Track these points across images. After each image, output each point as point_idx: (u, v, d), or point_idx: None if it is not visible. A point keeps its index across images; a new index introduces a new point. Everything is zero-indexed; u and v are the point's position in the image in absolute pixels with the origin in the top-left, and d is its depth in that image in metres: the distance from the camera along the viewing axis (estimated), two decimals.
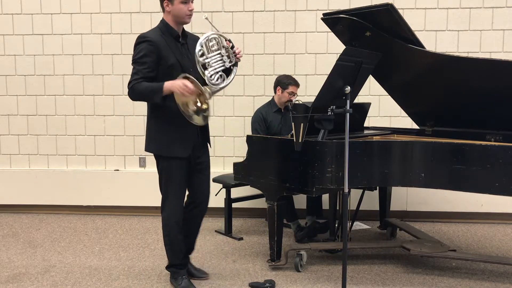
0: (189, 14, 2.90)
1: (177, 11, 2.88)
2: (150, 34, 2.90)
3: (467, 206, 4.61)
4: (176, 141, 2.94)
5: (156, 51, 2.84)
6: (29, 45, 4.93)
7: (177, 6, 2.86)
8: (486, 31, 4.57)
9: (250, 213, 4.76)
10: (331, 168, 3.04)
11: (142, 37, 2.87)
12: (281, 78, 4.12)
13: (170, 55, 2.88)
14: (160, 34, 2.90)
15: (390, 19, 3.24)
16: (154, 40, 2.85)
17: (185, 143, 2.96)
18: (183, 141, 2.95)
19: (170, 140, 2.94)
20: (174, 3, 2.86)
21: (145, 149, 3.04)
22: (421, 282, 3.25)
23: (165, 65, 2.87)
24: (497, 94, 3.27)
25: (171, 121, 2.91)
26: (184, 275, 3.13)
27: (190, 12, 2.89)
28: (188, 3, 2.87)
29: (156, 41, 2.85)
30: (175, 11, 2.88)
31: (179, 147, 2.94)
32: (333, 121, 2.90)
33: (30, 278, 3.34)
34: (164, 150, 2.97)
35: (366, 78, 3.53)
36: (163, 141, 2.95)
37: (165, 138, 2.95)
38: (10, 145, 5.06)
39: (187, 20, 2.93)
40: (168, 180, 3.00)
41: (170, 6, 2.88)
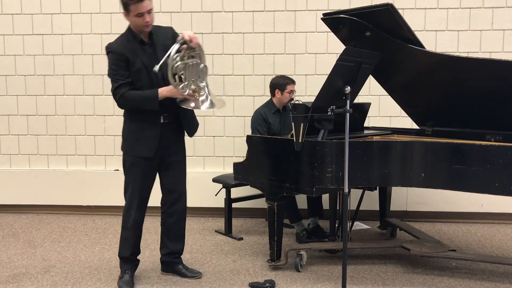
0: (146, 25, 2.92)
1: (134, 22, 2.94)
2: (114, 44, 2.99)
3: (467, 206, 4.61)
4: (141, 141, 3.04)
5: (122, 59, 2.93)
6: (29, 45, 4.93)
7: (132, 18, 2.91)
8: (486, 31, 4.57)
9: (250, 213, 4.76)
10: (331, 168, 3.04)
11: (108, 48, 2.99)
12: (277, 80, 4.12)
13: (136, 60, 2.95)
14: (126, 40, 2.98)
15: (390, 19, 3.24)
16: (117, 50, 2.94)
17: (149, 144, 3.03)
18: (148, 142, 3.03)
19: (135, 140, 3.05)
20: (130, 15, 2.90)
21: (121, 147, 3.16)
22: (421, 282, 3.25)
23: (132, 71, 2.95)
24: (497, 94, 3.27)
25: (139, 123, 3.03)
26: (127, 270, 3.20)
27: (147, 23, 2.91)
28: (143, 16, 2.87)
29: (120, 51, 2.94)
30: (132, 22, 2.95)
31: (144, 147, 3.03)
32: (333, 121, 2.90)
33: (30, 278, 3.34)
34: (130, 149, 3.09)
35: (366, 78, 3.53)
36: (130, 140, 3.08)
37: (132, 138, 3.07)
38: (10, 145, 5.05)
39: (145, 29, 2.96)
40: (129, 178, 3.11)
41: (128, 17, 2.93)
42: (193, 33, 2.92)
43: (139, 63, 2.95)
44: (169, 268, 3.34)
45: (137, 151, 3.05)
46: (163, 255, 3.33)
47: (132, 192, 3.10)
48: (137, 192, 3.10)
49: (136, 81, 2.97)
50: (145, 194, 3.14)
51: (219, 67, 4.81)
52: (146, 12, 2.87)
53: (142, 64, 2.96)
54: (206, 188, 4.59)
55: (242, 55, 4.78)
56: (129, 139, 3.09)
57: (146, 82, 2.97)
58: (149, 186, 3.15)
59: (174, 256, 3.32)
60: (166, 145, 3.09)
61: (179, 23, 4.74)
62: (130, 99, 2.95)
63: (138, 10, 2.85)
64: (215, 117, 4.84)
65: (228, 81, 4.81)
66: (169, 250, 3.30)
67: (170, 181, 3.19)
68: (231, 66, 4.80)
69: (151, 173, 3.14)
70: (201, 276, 3.30)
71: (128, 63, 2.94)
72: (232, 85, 4.82)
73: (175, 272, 3.33)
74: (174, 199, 3.22)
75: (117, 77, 2.94)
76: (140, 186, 3.09)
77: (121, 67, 2.93)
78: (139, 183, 3.09)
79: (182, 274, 3.30)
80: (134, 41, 2.98)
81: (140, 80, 2.96)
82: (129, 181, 3.11)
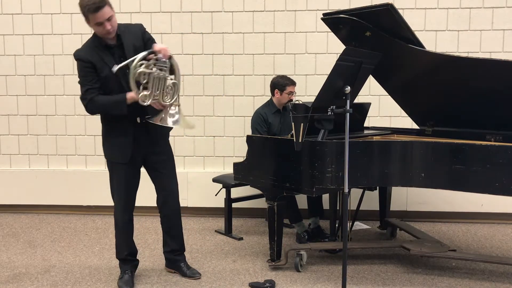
0: (107, 33, 2.88)
1: (95, 31, 2.91)
2: (81, 51, 2.95)
3: (467, 206, 4.61)
4: (116, 147, 3.05)
5: (90, 65, 2.90)
6: (29, 45, 4.93)
7: (93, 27, 2.89)
8: (486, 31, 4.57)
9: (250, 213, 4.76)
10: (331, 168, 3.04)
11: (75, 55, 2.94)
12: (277, 80, 4.11)
13: (103, 66, 2.91)
14: (93, 46, 2.94)
15: (390, 19, 3.24)
16: (84, 57, 2.90)
17: (123, 149, 3.03)
18: (122, 147, 3.03)
19: (111, 145, 3.07)
20: (90, 24, 2.87)
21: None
22: (421, 282, 3.25)
23: (100, 77, 2.93)
24: (497, 94, 3.27)
25: (112, 126, 3.03)
26: (127, 270, 3.21)
27: (107, 31, 2.87)
28: (103, 25, 2.84)
29: (87, 58, 2.90)
30: (95, 30, 2.91)
31: (118, 153, 3.05)
32: (333, 121, 2.90)
33: (30, 278, 3.34)
34: (107, 154, 3.12)
35: (366, 78, 3.53)
36: (107, 145, 3.10)
37: (108, 143, 3.09)
38: (10, 145, 5.05)
39: (108, 36, 2.92)
40: (112, 182, 3.16)
41: (89, 24, 2.88)
42: (166, 47, 2.88)
43: (107, 69, 2.91)
44: (172, 264, 3.38)
45: (113, 156, 3.08)
46: (165, 252, 3.38)
47: (117, 195, 3.14)
48: (122, 194, 3.13)
49: (105, 87, 2.94)
50: (131, 195, 3.17)
51: (219, 67, 4.81)
52: (105, 20, 2.82)
53: (110, 71, 2.91)
54: (206, 188, 4.60)
55: (242, 55, 4.78)
56: (105, 144, 3.11)
57: (116, 87, 2.94)
58: (133, 187, 3.17)
59: (175, 253, 3.35)
60: (146, 144, 3.09)
61: (179, 23, 4.75)
62: (98, 104, 2.92)
63: (96, 20, 2.81)
64: (215, 117, 4.84)
65: (228, 81, 4.81)
66: (170, 248, 3.34)
67: (159, 180, 3.22)
68: (231, 66, 4.80)
69: (134, 175, 3.14)
70: (199, 277, 3.30)
71: (96, 69, 2.91)
72: (232, 85, 4.82)
73: (177, 269, 3.36)
74: (165, 197, 3.24)
75: (85, 82, 2.91)
76: (124, 188, 3.12)
77: (89, 73, 2.90)
78: (123, 185, 3.11)
79: (182, 272, 3.32)
80: (101, 46, 2.93)
81: (109, 86, 2.94)
82: (113, 184, 3.14)
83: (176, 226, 3.32)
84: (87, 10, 2.78)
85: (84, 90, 2.93)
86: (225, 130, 4.88)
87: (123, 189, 3.12)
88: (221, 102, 4.82)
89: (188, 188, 4.78)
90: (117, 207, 3.16)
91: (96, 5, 2.76)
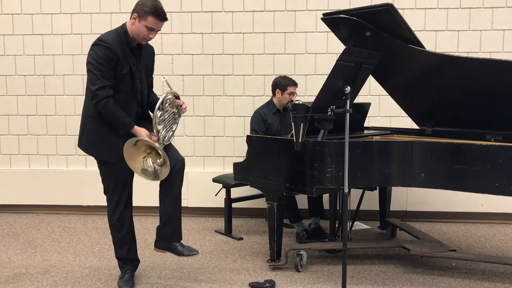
0: (145, 39, 2.91)
1: (139, 31, 2.88)
2: (110, 39, 2.86)
3: (467, 206, 4.61)
4: (106, 145, 2.96)
5: (114, 58, 2.85)
6: (29, 45, 4.93)
7: (141, 27, 2.86)
8: (486, 31, 4.57)
9: (250, 213, 4.76)
10: (331, 168, 3.04)
11: (102, 42, 2.85)
12: (279, 80, 4.11)
13: (125, 64, 2.90)
14: (120, 41, 2.89)
15: (390, 19, 3.24)
16: (113, 48, 2.84)
17: (113, 147, 2.94)
18: (112, 145, 2.94)
19: (101, 144, 2.97)
20: (140, 22, 2.85)
21: (78, 144, 3.07)
22: (421, 282, 3.25)
23: (119, 73, 2.89)
24: (497, 94, 3.27)
25: (103, 126, 2.94)
26: (127, 270, 3.17)
27: (149, 38, 2.91)
28: (152, 32, 2.87)
29: (116, 49, 2.84)
30: (137, 29, 2.88)
31: (108, 152, 2.97)
32: (333, 121, 2.90)
33: (30, 278, 3.34)
34: (95, 153, 3.03)
35: (366, 78, 3.53)
36: (95, 143, 2.99)
37: (96, 141, 2.99)
38: (10, 145, 5.05)
39: (143, 42, 2.95)
40: (105, 180, 3.07)
41: (136, 22, 2.87)
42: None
43: (127, 67, 2.90)
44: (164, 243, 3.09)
45: (98, 154, 3.00)
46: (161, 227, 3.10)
47: (112, 193, 3.05)
48: (118, 192, 3.04)
49: (118, 84, 2.89)
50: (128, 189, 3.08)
51: (219, 67, 4.82)
52: (156, 30, 2.88)
53: (130, 69, 2.92)
54: (206, 188, 4.60)
55: (242, 55, 4.78)
56: (95, 142, 2.98)
57: (128, 88, 2.93)
58: (129, 181, 3.08)
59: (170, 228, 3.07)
60: None
61: (179, 23, 4.75)
62: (110, 111, 2.85)
63: (151, 25, 2.84)
64: (215, 117, 4.84)
65: (228, 81, 4.81)
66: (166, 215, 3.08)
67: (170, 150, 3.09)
68: (231, 66, 4.81)
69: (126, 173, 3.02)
70: (197, 253, 3.09)
71: (117, 64, 2.86)
72: (232, 85, 4.82)
73: (170, 249, 3.08)
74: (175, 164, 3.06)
75: (105, 76, 2.82)
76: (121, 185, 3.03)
77: (111, 67, 2.83)
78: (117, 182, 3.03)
79: (177, 252, 3.06)
80: (127, 45, 2.91)
81: (122, 84, 2.90)
82: (107, 183, 3.05)
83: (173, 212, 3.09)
84: (153, 12, 2.81)
85: (102, 84, 2.82)
86: (225, 130, 4.88)
87: (119, 187, 3.03)
88: (221, 102, 4.82)
89: (188, 188, 4.78)
90: (111, 207, 3.06)
91: (163, 16, 2.87)
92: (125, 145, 2.84)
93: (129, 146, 2.85)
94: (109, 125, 2.93)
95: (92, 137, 3.00)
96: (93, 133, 2.99)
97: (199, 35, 4.78)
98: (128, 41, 2.91)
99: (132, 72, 2.94)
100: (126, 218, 3.11)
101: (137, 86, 2.98)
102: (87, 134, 3.01)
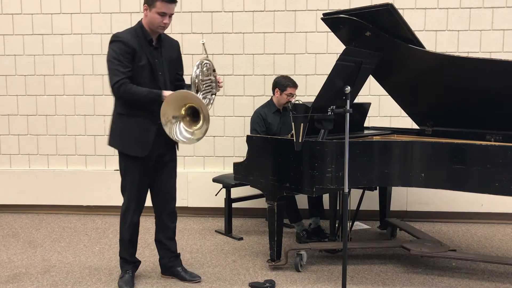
0: (162, 26, 2.94)
1: (152, 19, 2.92)
2: (123, 34, 2.94)
3: (467, 206, 4.61)
4: (135, 140, 2.99)
5: (131, 51, 2.89)
6: (29, 45, 4.93)
7: (153, 15, 2.90)
8: (486, 31, 4.57)
9: (250, 213, 4.76)
10: (331, 168, 3.04)
11: (117, 37, 2.92)
12: (279, 80, 4.11)
13: (142, 56, 2.93)
14: (135, 36, 2.94)
15: (390, 19, 3.24)
16: (127, 41, 2.89)
17: (143, 143, 2.98)
18: (142, 141, 2.99)
19: (130, 139, 3.00)
20: (151, 11, 2.90)
21: (108, 143, 3.11)
22: (421, 282, 3.25)
23: (137, 65, 2.92)
24: (497, 94, 3.27)
25: (134, 120, 2.98)
26: (128, 270, 3.19)
27: (164, 25, 2.93)
28: (164, 17, 2.90)
29: (129, 42, 2.90)
30: (150, 18, 2.93)
31: (137, 147, 2.99)
32: (333, 121, 2.90)
33: (30, 278, 3.34)
34: (123, 147, 3.04)
35: (366, 78, 3.53)
36: (124, 138, 3.02)
37: (125, 136, 3.02)
38: (10, 145, 5.05)
39: (160, 30, 2.98)
40: (127, 178, 3.08)
41: (148, 12, 2.92)
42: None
43: (145, 59, 2.94)
44: (169, 270, 3.30)
45: (132, 150, 3.01)
46: (161, 258, 3.31)
47: (130, 193, 3.08)
48: (135, 192, 3.08)
49: (138, 77, 2.92)
50: (144, 194, 3.14)
51: (219, 67, 4.77)
52: (168, 14, 2.90)
53: (148, 61, 2.95)
54: (206, 188, 4.60)
55: (242, 55, 4.78)
56: (122, 137, 3.02)
57: (148, 81, 2.95)
58: (147, 186, 3.14)
59: (171, 257, 3.28)
60: (163, 144, 3.06)
61: (179, 23, 4.75)
62: (131, 91, 2.85)
63: (163, 9, 2.87)
64: (215, 117, 4.84)
65: (228, 81, 4.81)
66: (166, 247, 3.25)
67: (164, 180, 3.17)
68: (231, 66, 4.81)
69: (149, 173, 3.10)
70: (200, 280, 3.26)
71: (134, 57, 2.90)
72: (232, 85, 4.82)
73: (174, 275, 3.29)
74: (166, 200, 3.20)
75: (121, 68, 2.85)
76: (138, 186, 3.07)
77: (127, 59, 2.87)
78: (137, 183, 3.07)
79: (181, 277, 3.26)
80: (144, 38, 2.96)
81: (142, 77, 2.93)
82: (127, 182, 3.08)
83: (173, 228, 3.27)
84: None
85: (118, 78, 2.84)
86: (225, 130, 4.88)
87: (138, 186, 3.07)
88: (221, 102, 4.82)
89: (188, 188, 4.78)
90: (128, 206, 3.10)
91: None
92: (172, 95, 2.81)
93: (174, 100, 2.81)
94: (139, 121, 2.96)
95: (122, 132, 3.03)
96: (122, 129, 3.02)
97: (199, 35, 4.78)
98: (144, 34, 2.96)
99: (151, 64, 2.96)
100: (136, 221, 3.15)
101: (159, 78, 3.00)
102: (116, 131, 3.05)
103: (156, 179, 3.17)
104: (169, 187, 3.20)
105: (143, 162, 3.02)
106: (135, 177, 3.05)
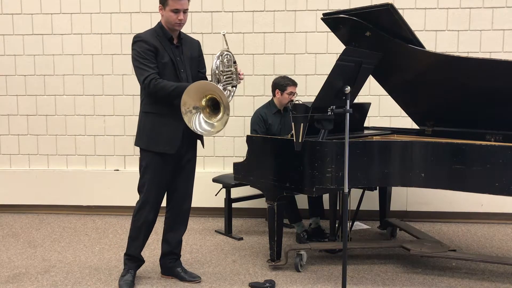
0: (178, 23, 2.99)
1: (168, 17, 2.99)
2: (144, 34, 3.03)
3: (467, 206, 4.61)
4: (163, 137, 3.01)
5: (153, 49, 2.96)
6: (29, 45, 4.93)
7: (168, 13, 2.97)
8: (486, 31, 4.57)
9: (250, 213, 4.76)
10: (331, 168, 3.04)
11: (138, 37, 3.01)
12: (278, 80, 4.11)
13: (164, 53, 3.00)
14: (155, 35, 3.02)
15: (390, 19, 3.24)
16: (148, 40, 2.97)
17: (172, 139, 3.02)
18: (171, 137, 3.01)
19: (157, 135, 3.02)
20: (166, 10, 2.97)
21: (135, 143, 3.14)
22: (421, 282, 3.25)
23: (160, 62, 2.98)
24: (497, 94, 3.27)
25: (161, 118, 3.01)
26: (130, 269, 3.19)
27: (180, 21, 2.98)
28: (178, 13, 2.95)
29: (150, 41, 2.97)
30: (166, 17, 3.00)
31: (166, 144, 3.01)
32: (333, 121, 2.91)
33: (30, 278, 3.34)
34: (150, 144, 3.05)
35: (366, 78, 3.53)
36: (151, 135, 3.03)
37: (153, 133, 3.03)
38: (10, 145, 5.05)
39: (176, 27, 3.03)
40: (146, 175, 3.07)
41: (163, 11, 3.00)
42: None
43: (167, 56, 3.00)
44: (169, 271, 3.31)
45: (159, 146, 3.01)
46: (163, 257, 3.31)
47: (148, 191, 3.07)
48: (153, 190, 3.07)
49: (161, 74, 2.97)
50: (162, 193, 3.14)
51: None
52: (182, 10, 2.94)
53: (170, 59, 3.00)
54: (206, 188, 4.59)
55: (242, 55, 4.78)
56: (149, 134, 3.03)
57: (171, 77, 2.99)
58: (166, 185, 3.14)
59: (171, 258, 3.28)
60: (186, 143, 3.08)
61: None
62: (160, 86, 2.89)
63: (176, 6, 2.92)
64: None
65: None
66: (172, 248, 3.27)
67: (181, 180, 3.18)
68: None
69: (169, 172, 3.10)
70: (200, 280, 3.27)
71: (157, 54, 2.96)
72: None
73: (174, 275, 3.29)
74: (182, 199, 3.21)
75: (148, 64, 2.92)
76: (158, 184, 3.07)
77: (150, 56, 2.94)
78: (157, 181, 3.06)
79: (181, 277, 3.26)
80: (164, 37, 3.02)
81: (165, 75, 2.98)
82: (146, 179, 3.07)
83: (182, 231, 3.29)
84: None
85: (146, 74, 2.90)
86: (225, 130, 4.85)
87: (157, 185, 3.07)
88: None
89: None
90: (144, 204, 3.08)
91: None
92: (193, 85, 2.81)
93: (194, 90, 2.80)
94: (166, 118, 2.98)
95: (149, 130, 3.04)
96: (150, 127, 3.04)
97: (199, 35, 4.78)
98: (164, 33, 3.03)
99: (173, 61, 3.01)
100: (151, 220, 3.14)
101: (182, 75, 3.05)
102: (143, 129, 3.07)
103: (175, 179, 3.16)
104: (186, 186, 3.21)
105: (166, 160, 3.03)
106: (156, 175, 3.05)
